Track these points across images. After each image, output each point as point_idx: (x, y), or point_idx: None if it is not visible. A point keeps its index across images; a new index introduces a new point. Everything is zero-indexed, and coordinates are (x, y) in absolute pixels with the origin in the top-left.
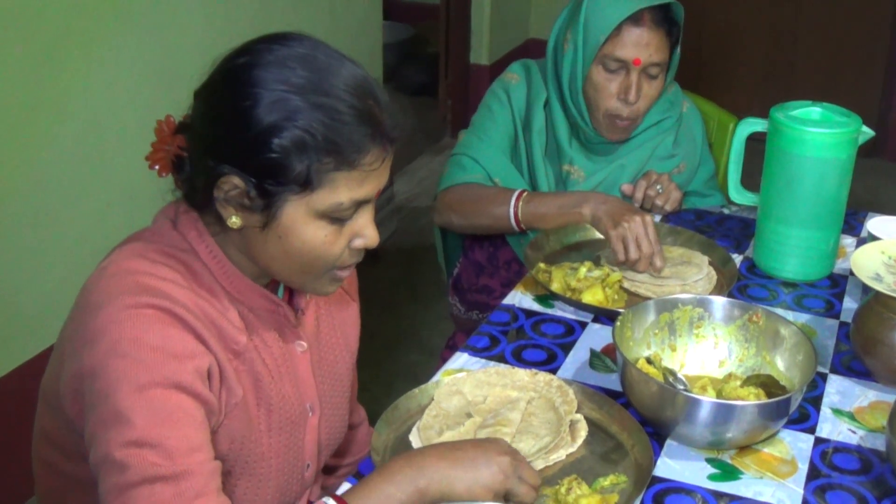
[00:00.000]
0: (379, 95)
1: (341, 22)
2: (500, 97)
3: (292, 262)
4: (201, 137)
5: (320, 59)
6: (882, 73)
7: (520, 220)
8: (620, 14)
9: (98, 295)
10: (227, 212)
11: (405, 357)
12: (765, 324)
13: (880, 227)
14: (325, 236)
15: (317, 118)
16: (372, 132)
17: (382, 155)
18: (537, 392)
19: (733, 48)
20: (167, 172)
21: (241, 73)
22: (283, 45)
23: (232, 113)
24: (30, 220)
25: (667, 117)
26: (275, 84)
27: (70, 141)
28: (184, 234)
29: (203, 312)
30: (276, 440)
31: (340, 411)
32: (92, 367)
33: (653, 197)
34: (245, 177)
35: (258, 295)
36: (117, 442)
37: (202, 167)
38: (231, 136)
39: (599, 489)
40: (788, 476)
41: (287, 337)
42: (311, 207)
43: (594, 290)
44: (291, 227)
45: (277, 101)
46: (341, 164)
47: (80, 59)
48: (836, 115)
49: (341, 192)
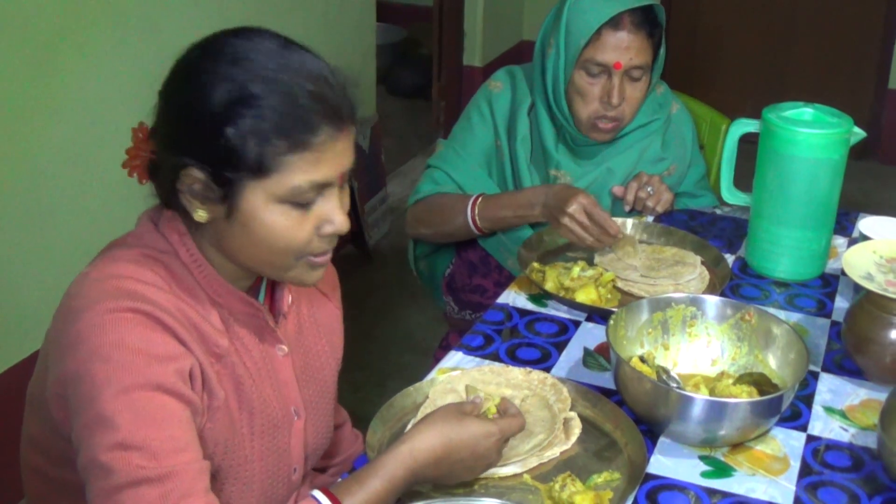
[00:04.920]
0: (330, 78)
1: (334, 24)
2: (482, 109)
3: (261, 251)
4: (163, 135)
5: (267, 48)
6: (874, 75)
7: (479, 224)
8: (600, 18)
9: (80, 300)
10: (192, 205)
11: (399, 357)
12: (757, 323)
13: (872, 227)
14: (288, 221)
15: (266, 103)
16: (322, 110)
17: (335, 134)
18: (531, 390)
19: (725, 49)
20: (146, 179)
21: (194, 64)
22: (237, 38)
23: (186, 105)
24: (24, 220)
25: (655, 119)
26: (225, 72)
27: (65, 142)
28: (166, 236)
29: (184, 315)
30: (259, 444)
31: (326, 415)
32: (75, 371)
33: (644, 199)
34: (202, 166)
35: (237, 299)
36: (102, 446)
37: (167, 163)
38: (186, 127)
39: (593, 486)
40: (781, 473)
41: (267, 340)
42: (269, 193)
43: (587, 289)
44: (252, 213)
45: (227, 89)
46: (294, 145)
47: (75, 61)
48: (827, 116)
49: (297, 174)
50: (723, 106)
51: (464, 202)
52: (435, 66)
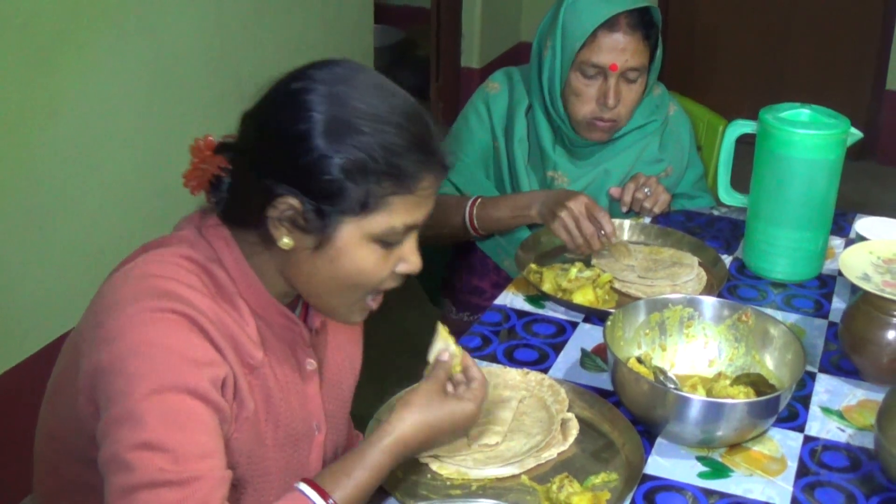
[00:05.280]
0: (430, 123)
1: (332, 25)
2: (480, 111)
3: (337, 285)
4: (254, 159)
5: (373, 85)
6: (871, 76)
7: (476, 226)
8: (596, 20)
9: (122, 295)
10: (279, 232)
11: (396, 359)
12: (754, 323)
13: (869, 227)
14: (375, 260)
15: (376, 141)
16: (427, 158)
17: (436, 182)
18: (529, 391)
19: (723, 50)
20: (200, 191)
21: (297, 97)
22: (335, 71)
23: (290, 136)
24: (23, 222)
25: (652, 121)
26: (332, 107)
27: (64, 143)
28: (211, 244)
29: (223, 324)
30: (280, 456)
31: (343, 429)
32: (110, 364)
33: (641, 200)
34: (303, 198)
35: (277, 312)
36: (127, 442)
37: (256, 188)
38: (289, 158)
39: (591, 487)
40: (778, 474)
41: (298, 355)
42: (365, 230)
43: (585, 290)
44: (344, 249)
45: (335, 124)
46: (399, 188)
47: (74, 62)
48: (824, 117)
49: (397, 216)
50: (720, 107)
51: (461, 204)
52: (433, 68)
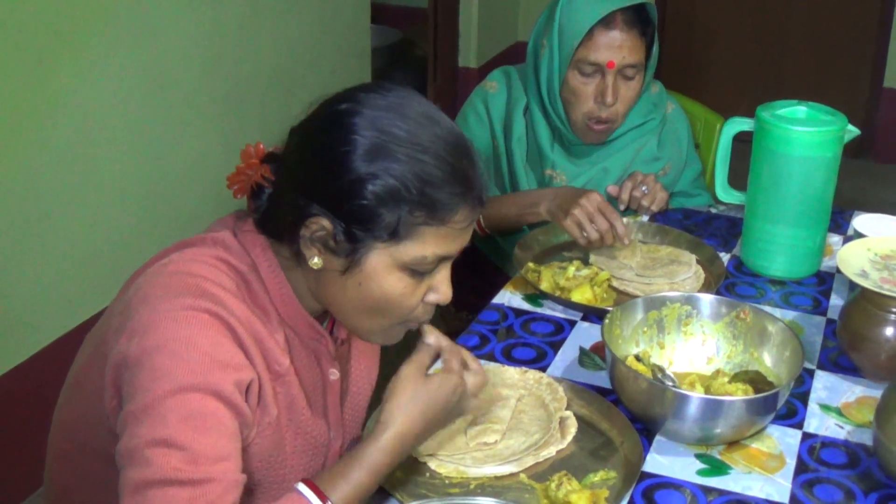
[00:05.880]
0: (473, 156)
1: (329, 26)
2: (478, 109)
3: (365, 310)
4: (294, 175)
5: (419, 113)
6: (868, 73)
7: (482, 224)
8: (592, 17)
9: (156, 290)
10: (310, 252)
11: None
12: (752, 321)
13: (867, 224)
14: (404, 288)
15: (412, 170)
16: (464, 192)
17: (471, 216)
18: (527, 390)
19: (720, 48)
20: (243, 196)
21: (342, 118)
22: (384, 96)
23: (329, 156)
24: (21, 223)
25: (650, 119)
26: (374, 132)
27: (61, 144)
28: (247, 249)
29: (253, 329)
30: (298, 463)
31: (356, 439)
32: (138, 357)
33: (639, 198)
34: (335, 220)
35: (306, 323)
36: (147, 437)
37: (292, 204)
38: (325, 178)
39: (589, 485)
40: (777, 471)
41: (323, 365)
42: (395, 258)
43: (583, 288)
44: (373, 275)
45: (375, 150)
46: (432, 219)
47: (71, 64)
48: (821, 114)
49: (428, 246)
50: (717, 105)
51: None
52: (430, 68)
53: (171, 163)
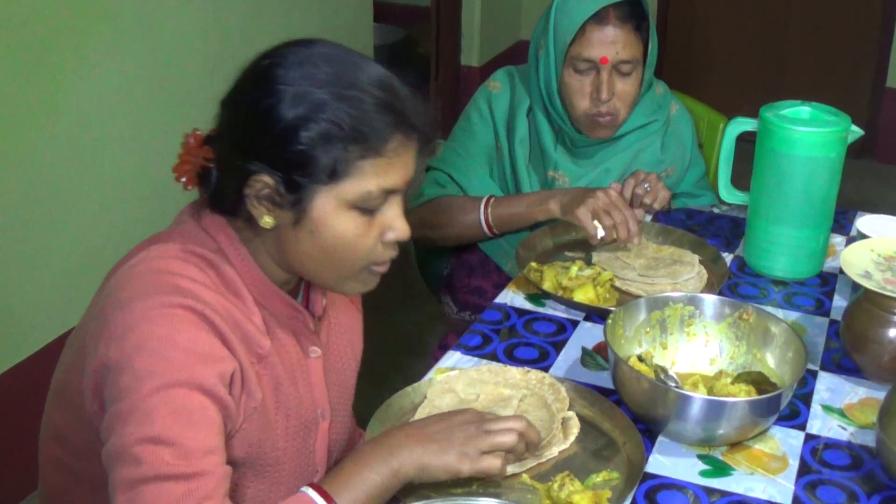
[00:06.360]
0: (399, 88)
1: (332, 24)
2: (482, 109)
3: (326, 259)
4: (229, 142)
5: (343, 57)
6: (872, 73)
7: (490, 224)
8: (584, 14)
9: (128, 291)
10: (258, 211)
11: (397, 358)
12: (755, 321)
13: (870, 225)
14: (356, 228)
15: (341, 108)
16: (395, 119)
17: (406, 142)
18: (529, 390)
19: (723, 48)
20: (193, 185)
21: (266, 72)
22: (307, 47)
23: (258, 111)
24: (22, 220)
25: (653, 121)
26: (298, 80)
27: (62, 142)
28: (213, 236)
29: (230, 315)
30: (291, 445)
31: (347, 418)
32: (118, 360)
33: (641, 195)
34: (274, 172)
35: (281, 301)
36: (135, 436)
37: (233, 169)
38: (258, 134)
39: (592, 486)
40: (779, 472)
41: (303, 343)
42: (340, 198)
43: (585, 288)
44: (322, 219)
45: (301, 95)
46: (367, 151)
47: (72, 61)
48: (825, 115)
49: (369, 180)
50: (720, 105)
51: (475, 203)
52: (432, 67)
53: (172, 162)
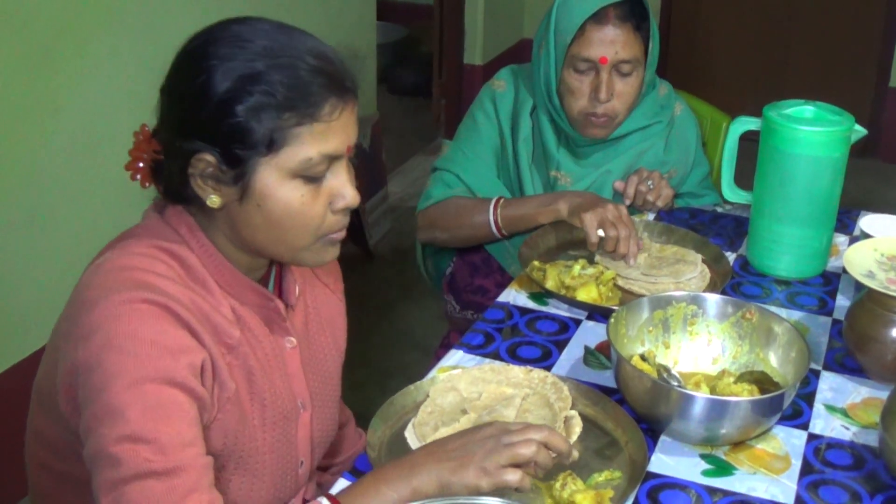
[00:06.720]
0: (330, 54)
1: (335, 22)
2: (487, 108)
3: (276, 231)
4: (169, 126)
5: (276, 30)
6: (875, 73)
7: (500, 225)
8: (584, 14)
9: (93, 291)
10: (204, 191)
11: (399, 356)
12: (758, 321)
13: (873, 224)
14: (302, 197)
15: (272, 77)
16: (327, 83)
17: (341, 105)
18: (532, 389)
19: (726, 47)
20: (149, 182)
21: (195, 52)
22: (239, 24)
23: (192, 90)
24: (24, 219)
25: (657, 122)
26: (230, 54)
27: (64, 140)
28: (175, 229)
29: (197, 307)
30: (269, 435)
31: (331, 409)
32: (87, 361)
33: (644, 193)
34: (213, 149)
35: (249, 289)
36: (111, 437)
37: (174, 153)
38: (194, 112)
39: (594, 485)
40: (782, 472)
41: (276, 332)
42: (282, 168)
43: (588, 287)
44: (266, 191)
45: (231, 69)
46: (303, 117)
47: (75, 59)
48: (828, 114)
49: (308, 146)
50: (723, 104)
51: (484, 204)
52: (435, 65)
53: None
